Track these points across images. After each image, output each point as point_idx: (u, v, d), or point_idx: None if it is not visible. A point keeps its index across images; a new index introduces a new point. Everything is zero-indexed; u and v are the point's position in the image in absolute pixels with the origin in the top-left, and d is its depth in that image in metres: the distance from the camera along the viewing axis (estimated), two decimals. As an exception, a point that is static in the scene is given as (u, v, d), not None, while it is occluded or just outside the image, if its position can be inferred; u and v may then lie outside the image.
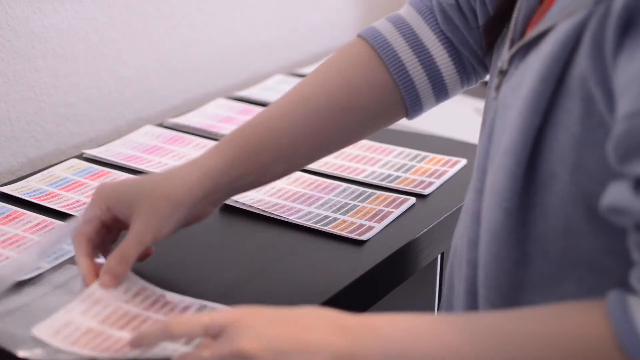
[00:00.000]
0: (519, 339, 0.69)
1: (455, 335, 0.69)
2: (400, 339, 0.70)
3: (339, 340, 0.70)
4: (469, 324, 0.71)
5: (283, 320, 0.72)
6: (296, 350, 0.69)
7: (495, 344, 0.69)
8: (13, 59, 1.28)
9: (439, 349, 0.69)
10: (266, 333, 0.70)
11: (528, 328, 0.69)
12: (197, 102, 1.56)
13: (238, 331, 0.71)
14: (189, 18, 1.55)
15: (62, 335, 0.85)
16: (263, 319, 0.72)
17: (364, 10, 1.95)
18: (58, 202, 1.14)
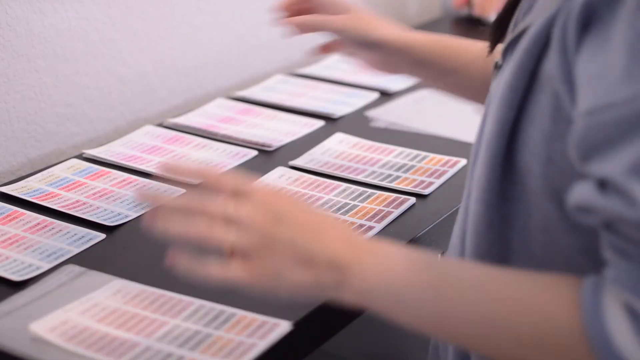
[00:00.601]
0: (486, 293, 0.70)
1: (432, 278, 0.71)
2: (390, 271, 0.72)
3: (342, 249, 0.73)
4: (454, 271, 0.73)
5: (303, 220, 0.74)
6: (301, 245, 0.73)
7: (462, 294, 0.70)
8: (13, 59, 1.28)
9: (412, 289, 0.71)
10: (284, 220, 0.73)
11: (500, 290, 0.70)
12: (197, 102, 1.56)
13: (262, 207, 0.74)
14: (189, 18, 1.55)
15: (59, 332, 0.85)
16: (285, 197, 0.76)
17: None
18: (58, 202, 1.14)
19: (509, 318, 0.68)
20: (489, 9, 1.99)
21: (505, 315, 0.68)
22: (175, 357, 0.83)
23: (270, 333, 0.86)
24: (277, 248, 0.73)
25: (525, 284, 0.70)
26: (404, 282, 0.72)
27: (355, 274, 0.73)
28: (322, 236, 0.74)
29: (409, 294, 0.72)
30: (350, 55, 1.19)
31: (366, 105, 1.51)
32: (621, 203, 0.63)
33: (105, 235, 1.06)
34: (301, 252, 0.73)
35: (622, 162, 0.63)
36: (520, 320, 0.68)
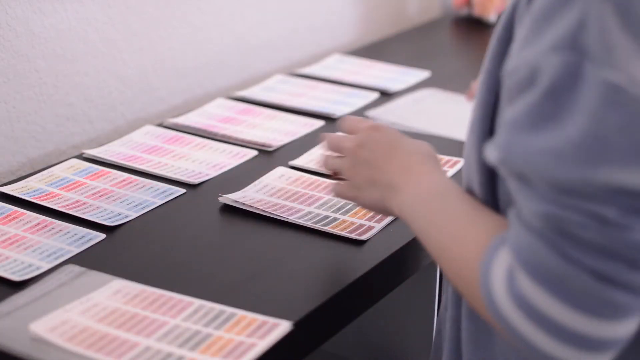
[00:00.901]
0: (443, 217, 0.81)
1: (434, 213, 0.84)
2: (416, 202, 0.86)
3: (397, 177, 0.89)
4: (450, 209, 0.83)
5: (382, 151, 0.92)
6: (376, 165, 0.92)
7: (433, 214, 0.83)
8: (13, 59, 1.28)
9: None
10: (369, 141, 0.94)
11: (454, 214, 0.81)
12: (197, 102, 1.56)
13: (358, 139, 0.95)
14: (189, 18, 1.55)
15: (59, 332, 0.85)
16: (379, 133, 0.95)
17: (364, 10, 1.95)
18: (58, 202, 1.14)
19: (449, 247, 0.79)
20: (489, 9, 1.99)
21: (449, 244, 0.79)
22: (175, 357, 0.83)
23: (270, 333, 0.86)
24: (358, 170, 0.94)
25: (479, 225, 0.78)
26: (421, 214, 0.85)
27: (400, 197, 0.88)
28: (389, 164, 0.91)
29: (417, 220, 0.85)
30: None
31: (366, 105, 1.51)
32: (495, 150, 0.71)
33: (105, 235, 1.06)
34: (372, 175, 0.92)
35: (506, 116, 0.72)
36: (453, 251, 0.79)
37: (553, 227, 0.68)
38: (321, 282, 0.97)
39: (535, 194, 0.69)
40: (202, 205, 1.15)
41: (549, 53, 0.67)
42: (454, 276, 0.79)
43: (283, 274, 0.99)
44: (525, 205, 0.70)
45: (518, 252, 0.70)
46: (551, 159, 0.67)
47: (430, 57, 1.80)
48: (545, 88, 0.67)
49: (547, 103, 0.68)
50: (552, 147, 0.67)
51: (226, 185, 1.19)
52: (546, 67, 0.67)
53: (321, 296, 0.94)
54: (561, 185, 0.67)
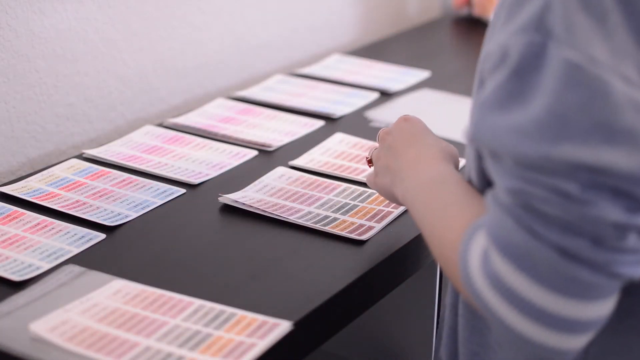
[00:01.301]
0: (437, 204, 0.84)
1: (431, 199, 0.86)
2: (417, 192, 0.89)
3: (407, 167, 0.92)
4: (445, 197, 0.85)
5: (412, 132, 0.97)
6: (394, 151, 0.96)
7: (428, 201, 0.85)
8: (13, 59, 1.28)
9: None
10: (396, 129, 0.98)
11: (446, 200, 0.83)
12: (197, 102, 1.56)
13: (390, 131, 1.00)
14: (189, 18, 1.55)
15: (59, 332, 0.85)
16: (409, 122, 0.99)
17: (364, 10, 1.95)
18: (58, 202, 1.14)
19: (439, 230, 0.81)
20: (489, 9, 1.99)
21: (439, 227, 0.81)
22: (175, 357, 0.83)
23: (270, 333, 0.86)
24: (381, 156, 0.99)
25: (467, 210, 0.80)
26: (419, 200, 0.87)
27: (404, 185, 0.92)
28: (405, 152, 0.94)
29: (415, 206, 0.88)
30: None
31: (366, 105, 1.51)
32: (468, 130, 0.75)
33: (105, 235, 1.06)
34: (389, 161, 0.97)
35: (479, 97, 0.75)
36: (441, 234, 0.81)
37: (519, 203, 0.69)
38: (321, 282, 0.97)
39: (504, 171, 0.71)
40: (202, 205, 1.15)
41: (517, 34, 0.70)
42: (441, 259, 0.81)
43: (283, 274, 0.99)
44: (497, 182, 0.72)
45: (491, 229, 0.71)
46: (515, 136, 0.69)
47: (430, 57, 1.80)
48: (512, 68, 0.70)
49: (513, 82, 0.70)
50: (517, 125, 0.69)
51: (226, 185, 1.19)
52: (513, 48, 0.70)
53: (321, 296, 0.94)
54: (525, 162, 0.69)
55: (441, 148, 0.93)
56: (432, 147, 0.93)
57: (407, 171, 0.92)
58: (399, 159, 0.94)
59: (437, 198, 0.84)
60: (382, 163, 0.99)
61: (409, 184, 0.90)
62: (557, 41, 0.68)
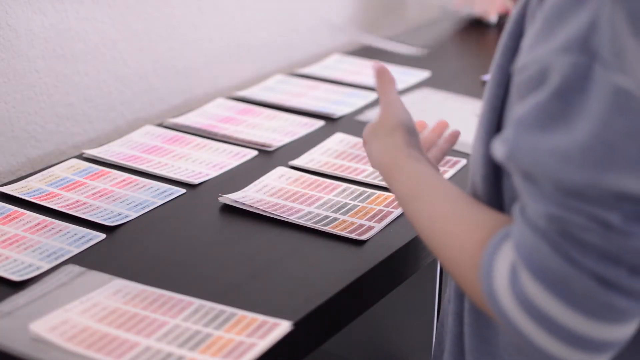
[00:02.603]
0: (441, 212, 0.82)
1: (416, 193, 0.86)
2: (401, 186, 0.89)
3: (385, 159, 0.92)
4: (432, 195, 0.85)
5: (379, 140, 0.95)
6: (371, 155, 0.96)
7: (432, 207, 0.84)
8: (13, 59, 1.28)
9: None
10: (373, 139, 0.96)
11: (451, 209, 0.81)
12: (197, 102, 1.56)
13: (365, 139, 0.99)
14: (189, 18, 1.55)
15: (59, 332, 0.85)
16: (374, 135, 0.96)
17: (364, 10, 1.95)
18: (58, 202, 1.14)
19: (443, 236, 0.80)
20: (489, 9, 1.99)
21: (442, 234, 0.80)
22: (175, 357, 0.83)
23: (270, 333, 0.86)
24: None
25: (467, 217, 0.79)
26: (404, 194, 0.88)
27: (390, 178, 0.91)
28: (376, 145, 0.94)
29: (403, 202, 0.88)
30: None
31: (366, 105, 1.51)
32: (502, 147, 0.71)
33: (105, 235, 1.06)
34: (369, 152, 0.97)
35: (514, 113, 0.71)
36: (446, 242, 0.79)
37: (557, 229, 0.68)
38: (321, 282, 0.97)
39: (540, 194, 0.69)
40: (202, 205, 1.15)
41: (559, 53, 0.67)
42: (452, 266, 0.80)
43: (283, 274, 0.99)
44: (531, 204, 0.70)
45: (522, 250, 0.70)
46: (558, 160, 0.67)
47: (430, 57, 1.80)
48: (555, 88, 0.67)
49: (555, 103, 0.67)
50: (560, 149, 0.67)
51: (226, 185, 1.19)
52: (556, 67, 0.67)
53: (321, 296, 0.94)
54: (567, 188, 0.67)
55: (396, 141, 0.93)
56: (393, 143, 0.93)
57: (389, 172, 0.92)
58: (373, 154, 0.95)
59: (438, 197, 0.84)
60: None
61: (392, 187, 0.91)
62: (605, 65, 0.66)
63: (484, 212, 0.79)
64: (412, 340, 1.38)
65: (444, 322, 0.96)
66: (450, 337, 0.90)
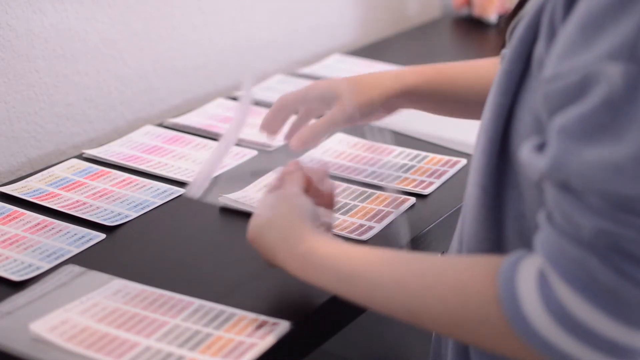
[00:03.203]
0: (410, 277, 0.77)
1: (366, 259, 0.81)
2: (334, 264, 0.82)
3: (292, 265, 0.86)
4: (385, 255, 0.81)
5: (267, 243, 0.90)
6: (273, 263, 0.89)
7: (390, 275, 0.79)
8: (13, 59, 1.28)
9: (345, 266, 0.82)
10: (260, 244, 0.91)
11: (421, 271, 0.76)
12: (197, 102, 1.56)
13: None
14: (189, 18, 1.55)
15: (59, 332, 0.85)
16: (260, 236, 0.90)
17: (364, 10, 1.95)
18: (58, 202, 1.14)
19: (429, 302, 0.75)
20: (489, 9, 1.99)
21: (426, 299, 0.75)
22: (175, 357, 0.83)
23: (270, 333, 0.86)
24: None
25: (449, 267, 0.76)
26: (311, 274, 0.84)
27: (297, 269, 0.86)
28: (278, 256, 0.88)
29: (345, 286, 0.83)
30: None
31: (366, 105, 1.51)
32: (544, 159, 0.68)
33: (105, 235, 1.06)
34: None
35: (556, 124, 0.68)
36: (438, 301, 0.74)
37: (607, 243, 0.66)
38: (321, 282, 0.97)
39: (586, 207, 0.66)
40: (202, 205, 1.15)
41: (605, 61, 0.65)
42: (450, 319, 0.75)
43: (283, 274, 0.99)
44: (574, 218, 0.67)
45: (558, 262, 0.68)
46: (609, 172, 0.65)
47: (430, 57, 1.80)
48: (603, 98, 0.65)
49: (604, 113, 0.65)
50: (610, 161, 0.65)
51: (226, 185, 1.19)
52: (603, 76, 0.65)
53: (321, 296, 0.94)
54: (617, 201, 0.65)
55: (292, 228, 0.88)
56: (285, 243, 0.88)
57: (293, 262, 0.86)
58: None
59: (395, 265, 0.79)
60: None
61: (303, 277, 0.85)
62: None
63: (464, 257, 0.77)
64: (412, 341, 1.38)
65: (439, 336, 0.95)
66: (453, 351, 0.88)
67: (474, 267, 0.74)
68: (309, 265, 0.84)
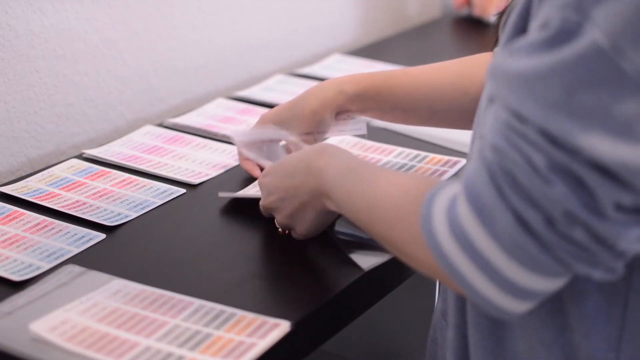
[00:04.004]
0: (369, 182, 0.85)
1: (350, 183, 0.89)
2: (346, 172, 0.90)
3: (309, 181, 0.95)
4: (362, 173, 0.88)
5: (282, 173, 0.99)
6: (288, 194, 0.98)
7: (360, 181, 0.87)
8: (13, 59, 1.28)
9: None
10: (272, 187, 1.00)
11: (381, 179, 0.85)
12: (197, 102, 1.56)
13: (261, 191, 1.04)
14: (189, 18, 1.55)
15: (59, 332, 0.85)
16: (272, 177, 1.01)
17: (364, 10, 1.95)
18: (58, 202, 1.14)
19: (377, 199, 0.83)
20: (489, 9, 1.99)
21: (376, 196, 0.83)
22: (175, 357, 0.83)
23: (270, 333, 0.86)
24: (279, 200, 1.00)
25: (411, 176, 0.85)
26: (339, 195, 0.90)
27: (324, 196, 0.94)
28: (296, 178, 0.96)
29: (339, 199, 0.91)
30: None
31: (366, 105, 1.51)
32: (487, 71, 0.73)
33: (105, 235, 1.06)
34: (295, 203, 0.98)
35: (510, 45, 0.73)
36: (388, 196, 0.82)
37: (499, 161, 0.70)
38: (321, 282, 0.97)
39: (495, 123, 0.71)
40: (202, 205, 1.15)
41: (557, 9, 0.69)
42: (388, 230, 0.82)
43: (283, 274, 0.99)
44: (487, 134, 0.72)
45: (467, 178, 0.72)
46: (515, 84, 0.69)
47: (430, 57, 1.80)
48: (548, 35, 0.68)
49: (542, 45, 0.69)
50: (520, 73, 0.69)
51: (226, 185, 1.19)
52: (553, 20, 0.68)
53: (321, 296, 0.94)
54: (512, 116, 0.69)
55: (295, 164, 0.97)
56: (302, 162, 0.96)
57: (320, 189, 0.93)
58: (298, 188, 0.96)
59: (364, 179, 0.86)
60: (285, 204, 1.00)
61: (326, 181, 0.92)
62: (592, 23, 0.66)
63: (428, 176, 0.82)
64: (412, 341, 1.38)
65: (436, 337, 0.95)
66: (451, 352, 0.88)
67: (421, 181, 0.81)
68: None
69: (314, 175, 0.93)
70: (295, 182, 0.96)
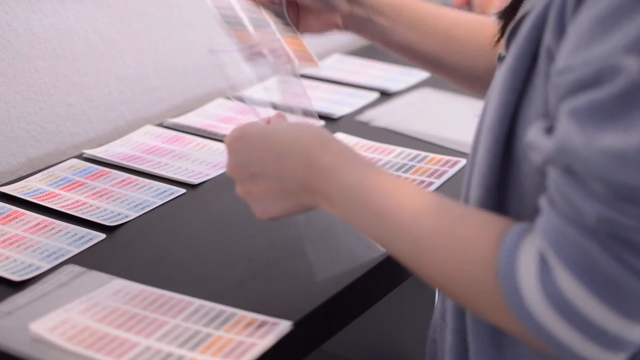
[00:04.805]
0: (417, 222, 0.75)
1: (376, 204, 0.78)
2: (351, 183, 0.79)
3: (305, 175, 0.82)
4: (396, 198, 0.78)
5: (265, 145, 0.84)
6: (268, 174, 0.84)
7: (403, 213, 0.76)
8: (13, 59, 1.28)
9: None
10: (246, 159, 0.85)
11: (431, 220, 0.75)
12: (197, 102, 1.56)
13: (228, 155, 0.87)
14: (189, 18, 1.55)
15: (59, 332, 0.85)
16: (250, 148, 0.85)
17: (364, 10, 1.95)
18: (58, 202, 1.14)
19: (434, 246, 0.74)
20: (489, 9, 1.99)
21: (431, 242, 0.74)
22: (175, 357, 0.83)
23: (270, 333, 0.86)
24: (254, 182, 0.86)
25: (461, 218, 0.75)
26: (352, 211, 0.80)
27: (322, 196, 0.82)
28: (286, 161, 0.83)
29: (357, 217, 0.80)
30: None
31: (366, 105, 1.51)
32: (551, 140, 0.68)
33: (105, 235, 1.06)
34: (275, 185, 0.84)
35: (566, 107, 0.68)
36: (442, 248, 0.74)
37: (608, 230, 0.66)
38: (321, 282, 0.97)
39: (589, 193, 0.67)
40: (202, 205, 1.15)
41: (622, 54, 0.65)
42: (446, 281, 0.75)
43: (283, 274, 0.99)
44: (577, 203, 0.67)
45: (559, 246, 0.68)
46: (614, 160, 0.65)
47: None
48: (621, 89, 0.65)
49: (617, 103, 0.65)
50: (617, 149, 0.65)
51: (226, 186, 1.19)
52: (621, 69, 0.65)
53: (321, 296, 0.94)
54: (620, 189, 0.65)
55: (290, 143, 0.83)
56: (296, 148, 0.83)
57: (318, 191, 0.81)
58: (288, 182, 0.83)
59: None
60: (263, 190, 0.86)
61: (334, 203, 0.81)
62: None
63: (481, 212, 0.77)
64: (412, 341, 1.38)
65: (435, 338, 0.95)
66: (450, 356, 0.87)
67: (486, 227, 0.73)
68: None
69: (315, 172, 0.81)
70: (284, 166, 0.83)
